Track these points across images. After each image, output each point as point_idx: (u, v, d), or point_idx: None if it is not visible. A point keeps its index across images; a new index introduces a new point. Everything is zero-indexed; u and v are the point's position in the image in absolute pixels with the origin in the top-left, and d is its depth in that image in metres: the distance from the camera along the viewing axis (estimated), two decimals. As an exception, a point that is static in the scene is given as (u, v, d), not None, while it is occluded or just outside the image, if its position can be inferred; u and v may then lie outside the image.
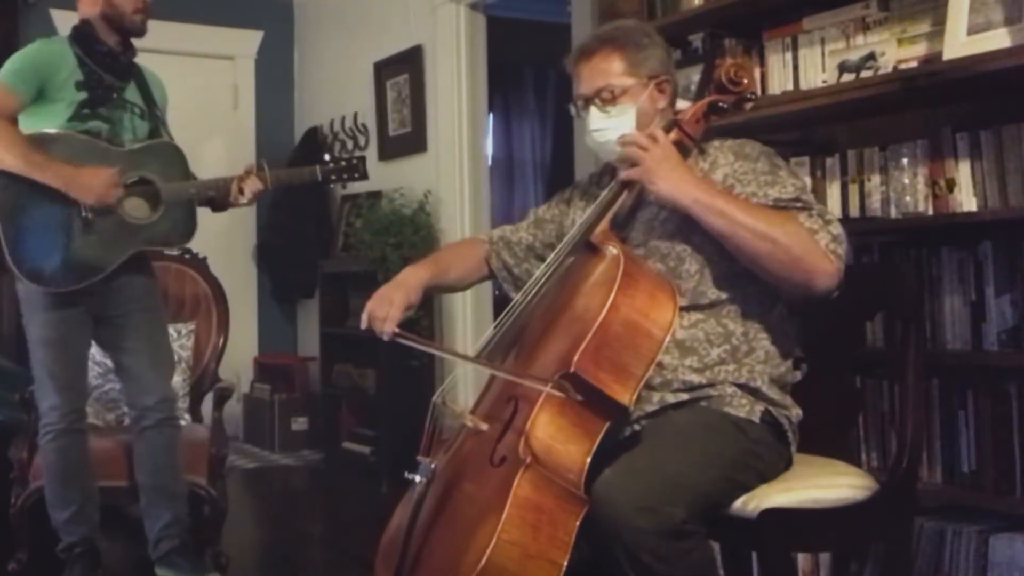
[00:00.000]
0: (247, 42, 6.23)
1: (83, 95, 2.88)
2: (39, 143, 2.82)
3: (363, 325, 2.05)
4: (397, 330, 2.00)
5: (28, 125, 2.87)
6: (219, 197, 3.02)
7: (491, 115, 6.46)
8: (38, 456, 3.19)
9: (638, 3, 3.18)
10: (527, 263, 2.23)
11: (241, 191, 2.97)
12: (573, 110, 2.09)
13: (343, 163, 3.07)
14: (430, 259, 2.26)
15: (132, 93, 3.00)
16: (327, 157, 3.16)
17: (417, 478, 1.88)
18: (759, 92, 2.60)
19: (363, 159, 3.12)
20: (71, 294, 2.88)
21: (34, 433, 3.24)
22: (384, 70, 5.42)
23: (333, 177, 3.07)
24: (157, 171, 2.92)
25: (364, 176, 3.08)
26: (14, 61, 2.87)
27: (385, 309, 2.02)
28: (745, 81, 1.95)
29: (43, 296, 2.89)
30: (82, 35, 2.95)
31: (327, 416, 5.33)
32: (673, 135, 1.94)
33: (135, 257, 2.96)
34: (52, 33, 5.58)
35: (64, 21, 5.64)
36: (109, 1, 2.92)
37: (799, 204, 1.86)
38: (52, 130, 2.86)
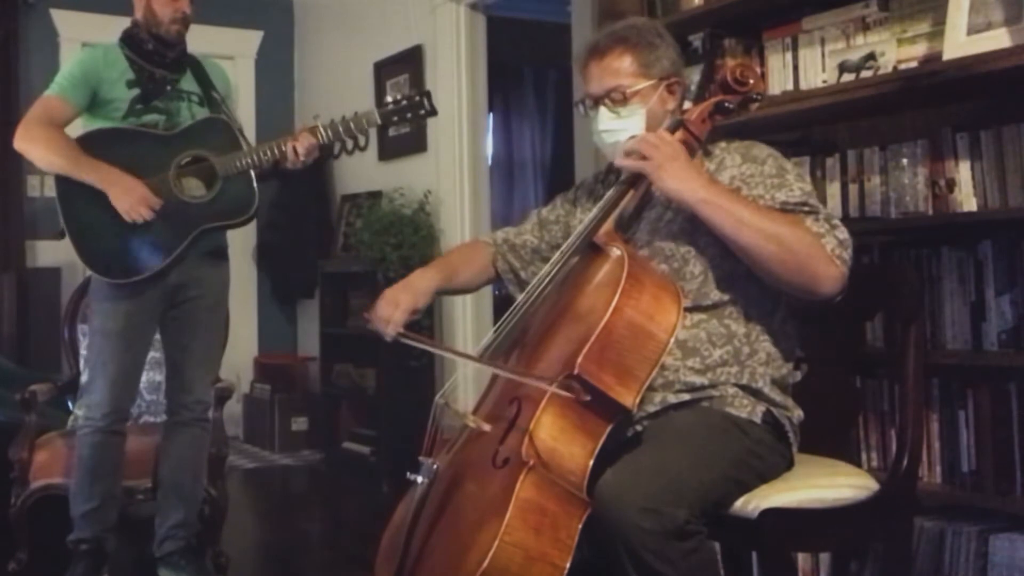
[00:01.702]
0: (247, 42, 6.23)
1: (135, 92, 2.94)
2: (89, 141, 2.90)
3: (370, 326, 2.05)
4: (401, 331, 2.00)
5: (89, 128, 2.96)
6: (274, 162, 2.93)
7: (491, 115, 6.46)
8: (38, 456, 3.20)
9: (638, 3, 3.18)
10: (533, 266, 2.21)
11: (296, 152, 2.86)
12: (581, 109, 2.07)
13: (404, 101, 2.80)
14: (439, 262, 2.25)
15: (188, 82, 3.03)
16: (388, 98, 2.85)
17: (419, 478, 1.88)
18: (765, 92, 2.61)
19: (428, 92, 2.81)
20: (140, 286, 2.90)
21: (35, 433, 3.25)
22: (384, 70, 5.42)
23: (395, 119, 2.83)
24: (209, 147, 2.92)
25: (432, 111, 2.79)
26: (64, 71, 2.97)
27: (390, 311, 2.02)
28: (751, 81, 1.94)
29: (111, 287, 2.92)
30: (129, 36, 3.01)
31: (327, 416, 5.33)
32: (679, 135, 1.93)
33: (213, 250, 3.02)
34: (52, 33, 5.62)
35: (64, 21, 5.66)
36: (150, 8, 2.96)
37: (806, 208, 1.86)
38: (101, 127, 2.94)
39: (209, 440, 3.15)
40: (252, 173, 2.93)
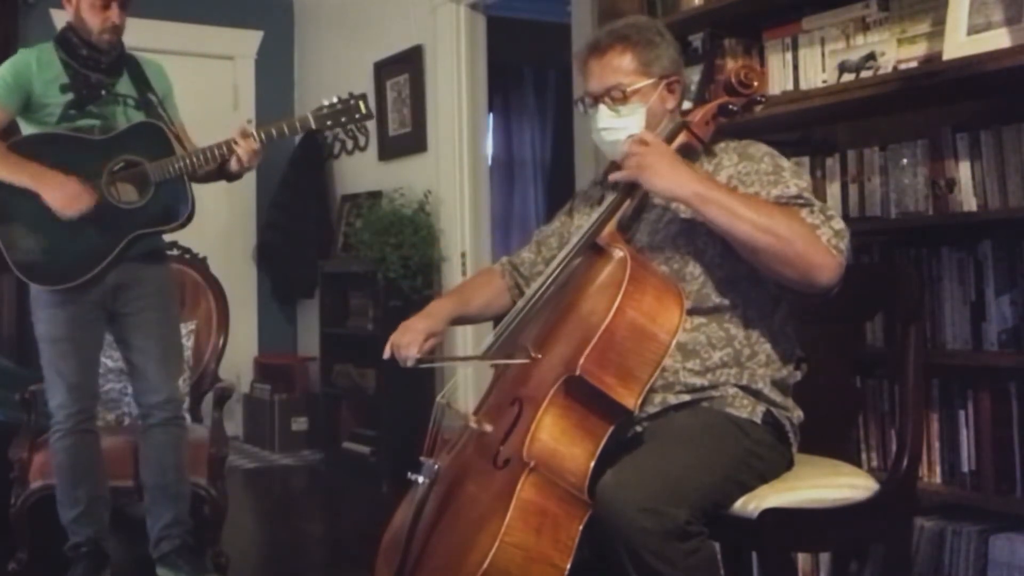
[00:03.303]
0: (247, 42, 6.23)
1: (69, 96, 2.91)
2: (21, 147, 2.89)
3: (386, 355, 2.08)
4: (417, 356, 2.04)
5: (26, 132, 2.94)
6: (219, 165, 2.91)
7: (491, 115, 6.46)
8: (38, 456, 3.20)
9: (638, 3, 3.18)
10: (535, 280, 2.21)
11: (240, 160, 2.84)
12: (580, 107, 2.07)
13: (338, 104, 2.77)
14: (453, 291, 2.32)
15: (125, 86, 3.00)
16: (324, 101, 2.80)
17: (420, 479, 1.89)
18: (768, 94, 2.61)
19: (364, 96, 2.80)
20: (77, 290, 2.89)
21: (35, 433, 3.25)
22: (384, 70, 5.42)
23: (329, 123, 2.79)
24: (142, 152, 2.88)
25: (367, 115, 2.78)
26: None
27: (408, 337, 2.06)
28: (756, 83, 1.94)
29: (49, 293, 2.91)
30: (64, 39, 2.97)
31: (327, 416, 5.33)
32: (682, 137, 1.93)
33: (150, 252, 2.99)
34: (52, 33, 5.60)
35: (64, 21, 5.62)
36: (78, 15, 2.94)
37: (801, 201, 1.85)
38: (35, 132, 2.93)
39: (187, 436, 3.14)
40: (186, 178, 2.89)
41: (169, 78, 3.16)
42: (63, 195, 2.79)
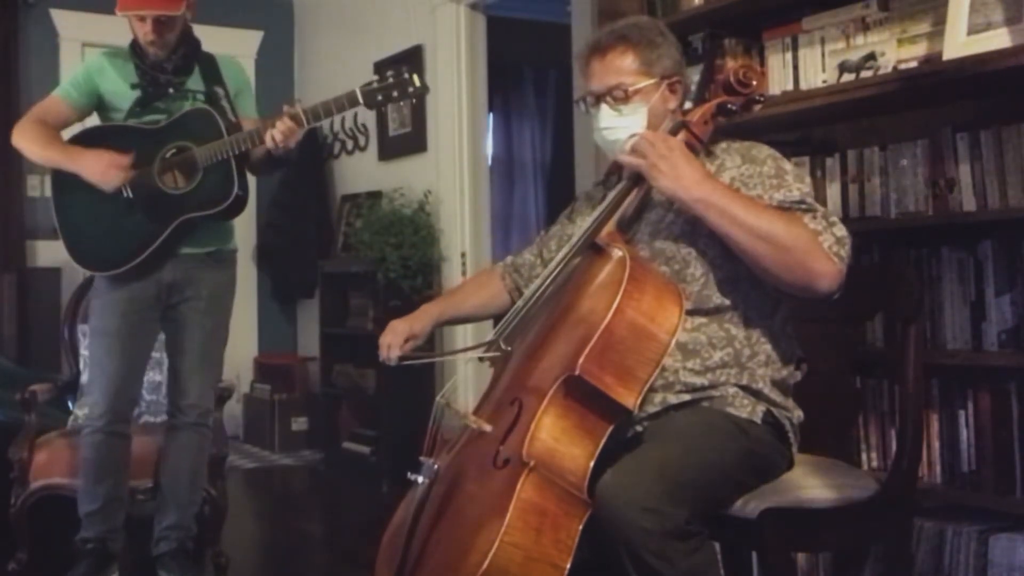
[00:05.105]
0: (247, 42, 6.23)
1: (137, 94, 2.99)
2: (80, 139, 3.00)
3: (380, 356, 2.22)
4: (398, 354, 2.17)
5: None
6: (258, 152, 2.90)
7: (491, 115, 6.46)
8: (38, 456, 3.20)
9: (638, 3, 3.18)
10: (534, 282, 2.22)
11: (275, 138, 2.76)
12: (582, 106, 2.08)
13: (390, 79, 2.62)
14: (447, 293, 2.40)
15: (195, 82, 3.05)
16: (375, 76, 2.67)
17: (419, 479, 1.89)
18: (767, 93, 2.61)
19: (413, 71, 2.63)
20: (132, 282, 2.93)
21: (36, 433, 3.25)
22: (384, 70, 5.41)
23: (379, 97, 2.63)
24: (193, 138, 2.92)
25: (422, 88, 2.61)
26: (71, 74, 3.08)
27: (389, 338, 2.19)
28: (754, 83, 1.94)
29: (105, 283, 2.97)
30: (134, 44, 3.05)
31: (327, 416, 5.33)
32: (681, 136, 1.93)
33: (211, 253, 3.04)
34: (52, 33, 5.63)
35: (64, 21, 5.66)
36: (131, 26, 3.00)
37: (803, 206, 1.85)
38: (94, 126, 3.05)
39: (208, 445, 3.15)
40: (232, 163, 2.89)
41: (246, 74, 3.25)
42: (98, 167, 2.86)
